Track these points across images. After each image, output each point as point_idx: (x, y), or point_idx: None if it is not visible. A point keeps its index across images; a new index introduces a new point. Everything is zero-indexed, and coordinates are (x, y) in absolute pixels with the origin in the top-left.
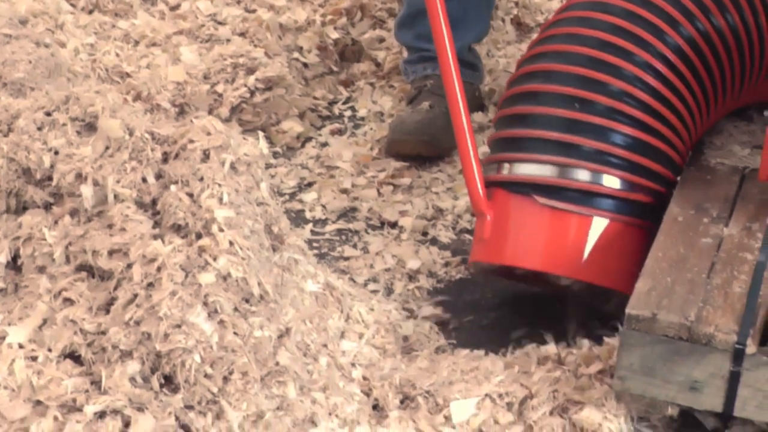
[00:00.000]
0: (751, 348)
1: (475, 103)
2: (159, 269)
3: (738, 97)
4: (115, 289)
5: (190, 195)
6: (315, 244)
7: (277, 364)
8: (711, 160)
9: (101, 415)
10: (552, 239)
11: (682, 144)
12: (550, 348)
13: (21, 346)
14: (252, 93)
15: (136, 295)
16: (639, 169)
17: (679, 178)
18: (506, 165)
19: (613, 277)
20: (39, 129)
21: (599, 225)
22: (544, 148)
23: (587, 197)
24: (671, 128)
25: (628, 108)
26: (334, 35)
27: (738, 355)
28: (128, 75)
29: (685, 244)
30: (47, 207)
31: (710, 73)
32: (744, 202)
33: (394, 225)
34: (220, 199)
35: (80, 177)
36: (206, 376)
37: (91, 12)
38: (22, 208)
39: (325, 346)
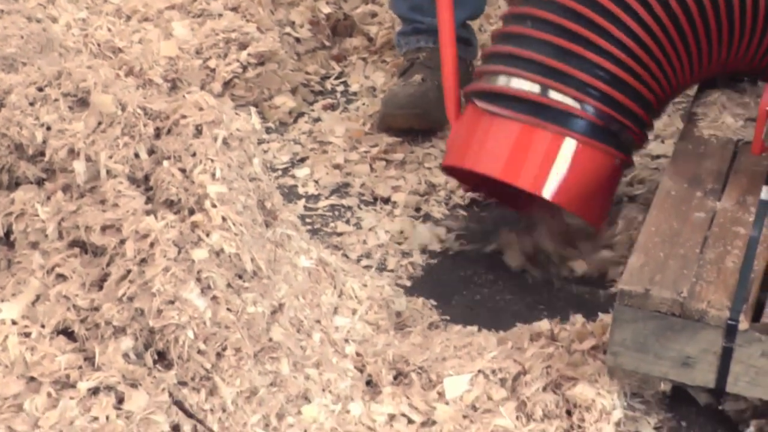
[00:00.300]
0: (743, 324)
1: (468, 78)
2: (152, 245)
3: (728, 55)
4: (108, 265)
5: (183, 170)
6: (308, 220)
7: (271, 340)
8: (704, 132)
9: (95, 391)
10: (484, 143)
11: (658, 86)
12: (543, 324)
13: (14, 322)
14: (244, 68)
15: (129, 271)
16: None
17: (673, 149)
18: (478, 80)
19: (561, 191)
20: (31, 104)
21: (542, 136)
22: (502, 61)
23: (533, 107)
24: (643, 66)
25: (602, 41)
26: (327, 10)
27: (730, 331)
28: (120, 50)
29: (678, 218)
30: (40, 183)
31: (692, 23)
32: (737, 175)
33: (387, 200)
34: (213, 175)
35: (73, 152)
36: (199, 352)
37: None
38: (14, 184)
39: (318, 322)
